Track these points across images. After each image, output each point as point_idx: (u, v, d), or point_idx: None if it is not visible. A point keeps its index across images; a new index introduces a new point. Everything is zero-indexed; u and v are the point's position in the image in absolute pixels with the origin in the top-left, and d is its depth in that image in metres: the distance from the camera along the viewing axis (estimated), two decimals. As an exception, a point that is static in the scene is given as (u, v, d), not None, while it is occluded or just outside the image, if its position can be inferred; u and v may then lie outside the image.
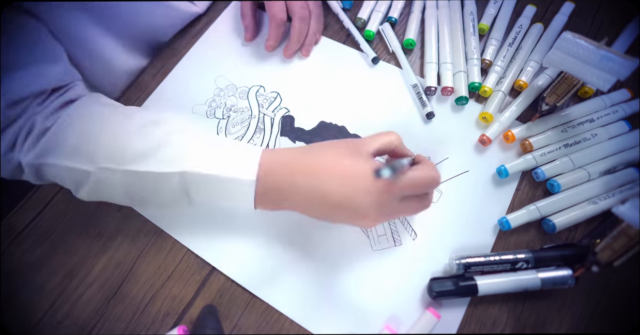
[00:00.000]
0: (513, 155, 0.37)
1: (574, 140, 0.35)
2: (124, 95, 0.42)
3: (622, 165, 0.35)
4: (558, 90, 0.35)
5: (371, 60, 0.41)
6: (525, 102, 0.37)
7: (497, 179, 0.35)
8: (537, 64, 0.39)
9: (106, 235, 0.35)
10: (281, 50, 0.42)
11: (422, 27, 0.43)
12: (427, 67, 0.40)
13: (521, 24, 0.41)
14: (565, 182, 0.34)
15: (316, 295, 0.32)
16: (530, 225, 0.34)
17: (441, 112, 0.39)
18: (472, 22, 0.41)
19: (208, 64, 0.42)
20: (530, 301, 0.32)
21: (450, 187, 0.35)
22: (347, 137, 0.38)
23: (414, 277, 0.32)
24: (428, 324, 0.30)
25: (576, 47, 0.32)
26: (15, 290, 0.33)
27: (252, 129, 0.39)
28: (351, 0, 0.44)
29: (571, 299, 0.32)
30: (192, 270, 0.34)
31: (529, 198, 0.35)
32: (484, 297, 0.31)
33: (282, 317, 0.32)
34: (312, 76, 0.41)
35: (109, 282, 0.33)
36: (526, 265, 0.31)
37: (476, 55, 0.39)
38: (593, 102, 0.37)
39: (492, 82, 0.39)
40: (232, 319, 0.32)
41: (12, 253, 0.35)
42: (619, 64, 0.31)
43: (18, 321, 0.32)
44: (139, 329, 0.32)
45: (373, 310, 0.32)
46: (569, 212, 0.33)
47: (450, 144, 0.37)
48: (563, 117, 0.36)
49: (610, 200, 0.33)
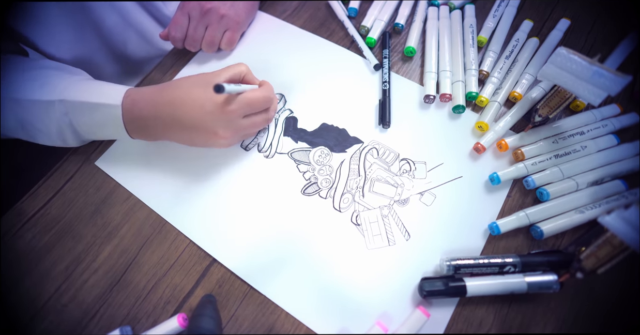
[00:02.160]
0: (505, 164, 0.37)
1: (564, 151, 0.36)
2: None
3: (609, 177, 0.35)
4: (551, 102, 0.35)
5: (373, 66, 0.41)
6: (519, 113, 0.38)
7: (489, 186, 0.36)
8: (532, 76, 0.39)
9: (112, 224, 0.35)
10: (290, 55, 0.43)
11: (423, 37, 0.43)
12: (427, 76, 0.40)
13: (518, 38, 0.42)
14: (554, 191, 0.34)
15: (311, 290, 0.32)
16: (519, 231, 0.34)
17: (438, 119, 0.39)
18: (471, 34, 0.42)
19: (216, 65, 0.43)
20: (516, 304, 0.32)
21: (444, 191, 0.36)
22: (347, 139, 0.38)
23: (406, 276, 0.33)
24: (418, 322, 0.30)
25: (570, 62, 0.32)
26: (22, 273, 0.33)
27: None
28: (356, 8, 0.44)
29: (555, 303, 0.32)
30: (194, 261, 0.34)
31: (519, 205, 0.35)
32: (472, 298, 0.31)
33: (278, 309, 0.32)
34: (316, 80, 0.41)
35: (113, 269, 0.34)
36: (514, 269, 0.31)
37: (474, 66, 0.40)
38: (584, 116, 0.37)
39: (489, 93, 0.39)
40: (230, 309, 0.32)
41: (22, 236, 0.35)
42: (610, 80, 0.31)
43: (24, 304, 0.32)
44: (140, 315, 0.32)
45: (365, 307, 0.32)
46: (556, 220, 0.33)
47: (446, 150, 0.37)
48: (554, 129, 0.37)
49: (596, 210, 0.33)
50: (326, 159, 0.38)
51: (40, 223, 0.35)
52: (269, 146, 0.38)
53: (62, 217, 0.36)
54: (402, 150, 0.38)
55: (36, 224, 0.35)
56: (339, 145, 0.38)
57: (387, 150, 0.38)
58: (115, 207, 0.36)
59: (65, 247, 0.34)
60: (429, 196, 0.36)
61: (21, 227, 0.35)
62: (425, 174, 0.37)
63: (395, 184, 0.36)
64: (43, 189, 0.37)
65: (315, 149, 0.38)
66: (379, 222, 0.35)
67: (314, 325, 0.31)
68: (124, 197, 0.36)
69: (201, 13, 0.39)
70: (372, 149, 0.38)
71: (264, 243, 0.34)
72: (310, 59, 0.43)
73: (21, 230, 0.35)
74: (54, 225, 0.35)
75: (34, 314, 0.32)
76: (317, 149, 0.38)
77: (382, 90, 0.40)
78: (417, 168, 0.37)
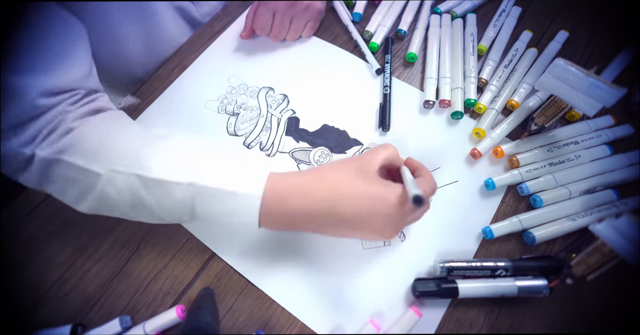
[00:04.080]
0: (501, 170, 0.37)
1: (558, 159, 0.36)
2: (142, 87, 0.42)
3: (602, 187, 0.35)
4: (547, 112, 0.35)
5: (375, 71, 0.41)
6: (516, 121, 0.38)
7: (485, 191, 0.36)
8: (529, 86, 0.39)
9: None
10: (294, 56, 0.43)
11: (425, 44, 0.43)
12: (427, 82, 0.40)
13: (517, 47, 0.42)
14: (548, 198, 0.34)
15: (307, 286, 0.32)
16: (512, 236, 0.34)
17: (437, 125, 0.39)
18: (472, 42, 0.42)
19: (223, 63, 0.43)
20: (507, 307, 0.32)
21: (440, 194, 0.36)
22: (347, 140, 0.38)
23: (400, 276, 0.33)
24: (410, 321, 0.30)
25: (567, 73, 0.32)
26: (26, 261, 0.33)
27: (260, 127, 0.39)
28: (360, 13, 0.44)
29: (545, 308, 0.32)
30: (194, 254, 0.34)
31: (512, 210, 0.35)
32: (464, 300, 0.31)
33: (274, 305, 0.32)
34: (318, 81, 0.41)
35: (115, 259, 0.33)
36: (505, 273, 0.31)
37: (474, 73, 0.40)
38: (579, 126, 0.37)
39: (487, 100, 0.39)
40: (228, 302, 0.32)
41: (27, 225, 0.35)
42: (606, 92, 0.31)
43: (27, 292, 0.32)
44: (140, 305, 0.32)
45: (359, 305, 0.32)
46: (548, 227, 0.33)
47: (443, 154, 0.37)
48: (550, 138, 0.37)
49: (588, 218, 0.33)
50: (326, 159, 0.38)
51: (45, 213, 0.35)
52: (271, 145, 0.38)
53: (67, 207, 0.35)
54: (401, 153, 0.37)
55: (42, 212, 0.35)
56: (339, 146, 0.38)
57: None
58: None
59: (68, 237, 0.34)
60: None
61: (26, 215, 0.35)
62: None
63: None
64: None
65: (315, 149, 0.38)
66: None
67: (308, 320, 0.31)
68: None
69: (287, 6, 0.41)
70: None
71: (263, 239, 0.34)
72: (314, 60, 0.43)
73: (26, 218, 0.35)
74: (58, 215, 0.35)
75: (37, 299, 0.32)
76: (317, 149, 0.38)
77: (383, 94, 0.40)
78: (414, 171, 0.37)
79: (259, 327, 0.31)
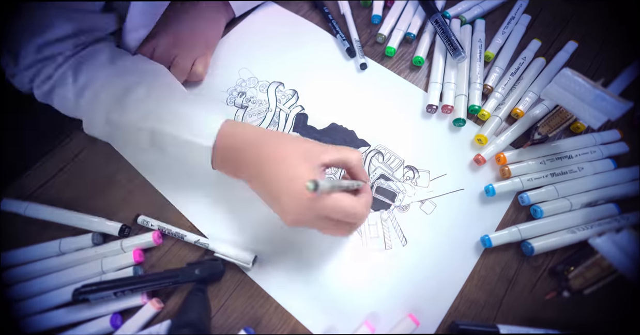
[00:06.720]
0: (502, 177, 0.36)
1: (561, 170, 0.35)
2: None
3: (603, 200, 0.34)
4: (552, 122, 0.34)
5: (359, 65, 0.40)
6: (520, 129, 0.37)
7: (489, 200, 0.35)
8: (535, 95, 0.38)
9: (116, 202, 0.35)
10: (306, 52, 0.42)
11: (432, 48, 0.42)
12: (432, 86, 0.39)
13: (525, 56, 0.41)
14: (548, 209, 0.33)
15: (304, 284, 0.32)
16: (510, 246, 0.33)
17: (440, 130, 0.38)
18: (479, 48, 0.41)
19: (234, 56, 0.42)
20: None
21: (444, 201, 0.35)
22: (355, 140, 0.38)
23: (398, 281, 0.32)
24: (406, 329, 0.29)
25: (573, 83, 0.31)
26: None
27: (267, 121, 0.39)
28: (380, 15, 0.44)
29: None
30: (191, 246, 0.33)
31: (512, 220, 0.34)
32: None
33: (267, 303, 0.31)
34: (329, 79, 0.40)
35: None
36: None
37: (479, 80, 0.39)
38: (584, 138, 0.37)
39: (491, 107, 0.38)
40: (221, 299, 0.31)
41: (39, 197, 0.34)
42: (612, 105, 0.30)
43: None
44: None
45: (355, 305, 0.31)
46: (548, 238, 0.32)
47: (448, 160, 0.37)
48: (553, 148, 0.36)
49: (588, 232, 0.32)
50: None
51: (43, 197, 0.35)
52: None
53: (63, 194, 0.35)
54: (407, 157, 0.37)
55: (39, 198, 0.35)
56: (346, 146, 0.37)
57: (392, 155, 0.37)
58: (118, 191, 0.35)
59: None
60: (429, 205, 0.35)
61: (25, 199, 0.35)
62: (427, 182, 0.36)
63: (398, 190, 0.35)
64: (49, 165, 0.36)
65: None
66: (377, 225, 0.34)
67: (303, 319, 0.30)
68: (127, 177, 0.36)
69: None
70: (377, 154, 0.37)
71: (263, 235, 0.33)
72: (326, 57, 0.42)
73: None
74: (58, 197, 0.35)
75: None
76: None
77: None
78: (420, 176, 0.36)
79: (250, 325, 0.30)
